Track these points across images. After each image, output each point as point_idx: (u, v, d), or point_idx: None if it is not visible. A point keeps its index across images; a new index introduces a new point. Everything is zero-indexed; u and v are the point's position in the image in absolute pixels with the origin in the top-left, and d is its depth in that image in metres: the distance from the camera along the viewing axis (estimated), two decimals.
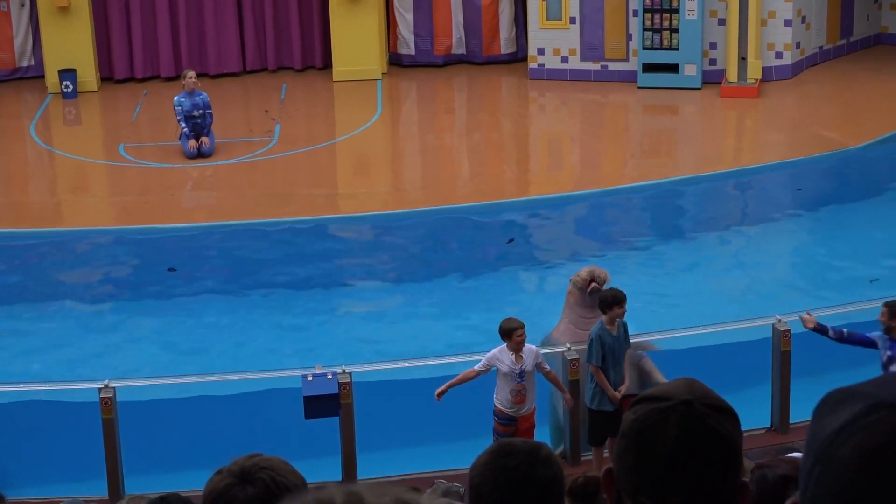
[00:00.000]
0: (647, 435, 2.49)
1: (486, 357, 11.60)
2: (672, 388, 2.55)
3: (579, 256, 17.12)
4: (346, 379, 11.67)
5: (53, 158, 20.92)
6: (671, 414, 2.49)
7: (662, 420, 2.48)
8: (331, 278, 16.68)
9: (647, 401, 2.54)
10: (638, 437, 2.50)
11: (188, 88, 19.99)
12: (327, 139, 21.38)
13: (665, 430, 2.47)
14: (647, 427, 2.49)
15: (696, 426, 2.48)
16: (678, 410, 2.49)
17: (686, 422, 2.48)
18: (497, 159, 20.52)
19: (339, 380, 11.65)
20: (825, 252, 17.12)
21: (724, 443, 2.49)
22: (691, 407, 2.49)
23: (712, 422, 2.48)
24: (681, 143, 21.33)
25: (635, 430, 2.51)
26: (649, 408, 2.51)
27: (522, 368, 11.50)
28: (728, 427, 2.50)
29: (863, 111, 21.74)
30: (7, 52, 24.16)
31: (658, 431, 2.48)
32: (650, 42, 22.82)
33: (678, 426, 2.47)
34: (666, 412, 2.49)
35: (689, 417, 2.48)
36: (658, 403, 2.51)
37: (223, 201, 18.74)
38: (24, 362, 14.58)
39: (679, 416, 2.48)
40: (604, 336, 11.56)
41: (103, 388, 11.51)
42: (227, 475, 3.42)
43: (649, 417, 2.50)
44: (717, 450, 2.48)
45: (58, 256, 17.59)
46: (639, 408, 2.53)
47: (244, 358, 14.33)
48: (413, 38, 24.66)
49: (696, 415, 2.48)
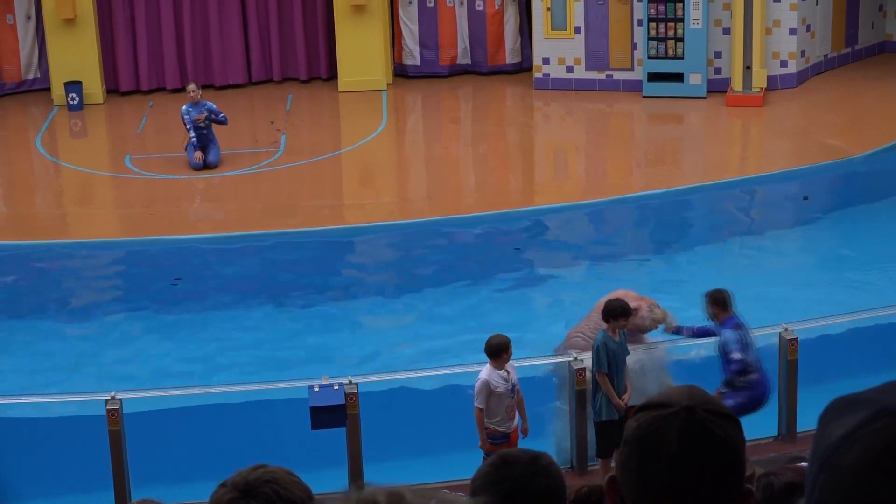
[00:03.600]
0: (649, 441, 2.49)
1: (479, 390, 11.31)
2: (673, 395, 2.56)
3: (586, 265, 17.13)
4: (353, 389, 11.66)
5: (59, 170, 20.95)
6: (673, 420, 2.49)
7: (665, 426, 2.49)
8: (337, 289, 16.69)
9: (648, 408, 2.54)
10: (641, 444, 2.50)
11: (191, 100, 20.04)
12: (333, 150, 21.39)
13: (668, 437, 2.48)
14: (649, 433, 2.50)
15: (699, 432, 2.48)
16: (680, 416, 2.49)
17: (688, 427, 2.48)
18: (502, 169, 20.52)
19: (345, 390, 11.64)
20: (831, 260, 17.10)
21: (726, 448, 2.49)
22: (693, 413, 2.50)
23: (715, 427, 2.49)
24: (686, 152, 21.32)
25: (638, 436, 2.51)
26: (651, 415, 2.52)
27: (513, 382, 11.45)
28: (731, 432, 2.51)
29: (868, 119, 21.73)
30: (13, 64, 24.20)
31: (661, 438, 2.48)
32: (655, 51, 22.83)
33: (681, 432, 2.48)
34: (668, 418, 2.50)
35: (691, 423, 2.48)
36: (660, 410, 2.52)
37: (229, 213, 18.75)
38: (31, 374, 14.58)
39: (681, 422, 2.49)
40: (609, 343, 11.53)
41: (110, 399, 11.51)
42: (230, 489, 3.39)
43: (652, 424, 2.50)
44: (720, 455, 2.49)
45: (64, 268, 17.61)
46: (641, 415, 2.54)
47: (250, 369, 14.33)
48: (418, 49, 24.69)
49: (698, 420, 2.49)
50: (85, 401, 12.43)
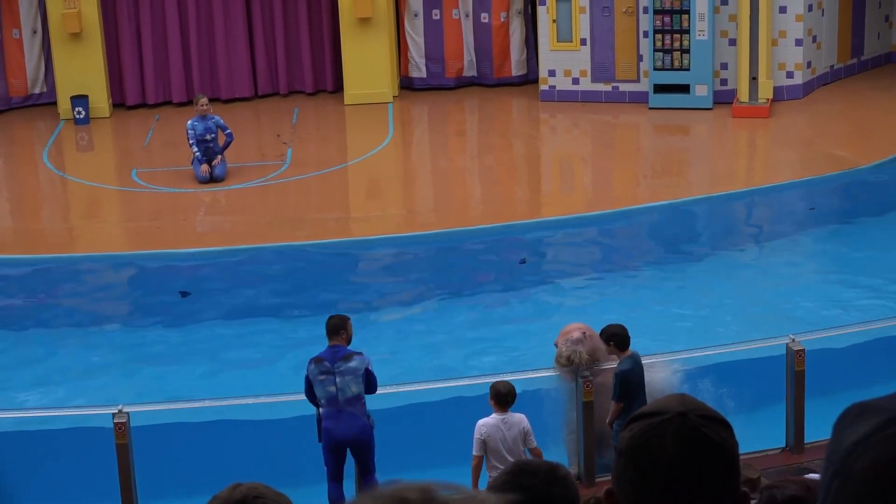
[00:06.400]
0: (645, 449, 2.50)
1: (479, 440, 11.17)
2: (665, 403, 2.58)
3: (592, 277, 17.11)
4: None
5: (66, 184, 20.98)
6: (667, 427, 2.51)
7: (659, 434, 2.50)
8: (343, 302, 16.66)
9: (641, 418, 2.56)
10: (636, 453, 2.51)
11: (200, 113, 20.06)
12: (339, 163, 21.41)
13: (663, 443, 2.49)
14: (644, 442, 2.51)
15: (694, 437, 2.50)
16: (674, 423, 2.51)
17: (683, 433, 2.50)
18: (509, 181, 20.53)
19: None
20: (838, 270, 17.08)
21: (721, 452, 2.51)
22: (686, 418, 2.51)
23: (709, 432, 2.51)
24: (693, 164, 21.32)
25: (633, 446, 2.52)
26: (645, 423, 2.53)
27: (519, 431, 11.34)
28: (724, 436, 2.53)
29: (874, 130, 21.71)
30: (20, 78, 24.24)
31: (656, 445, 2.50)
32: (661, 63, 22.84)
33: (675, 437, 2.49)
34: (662, 426, 2.51)
35: (685, 429, 2.50)
36: (653, 419, 2.53)
37: (235, 226, 18.76)
38: (38, 388, 14.58)
39: (675, 428, 2.50)
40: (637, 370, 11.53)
41: (117, 413, 11.50)
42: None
43: (646, 432, 2.52)
44: (716, 459, 2.51)
45: (71, 282, 17.62)
46: (634, 425, 2.55)
47: (257, 382, 14.33)
48: (424, 62, 24.71)
49: (692, 426, 2.51)
50: (92, 414, 12.43)
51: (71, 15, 23.24)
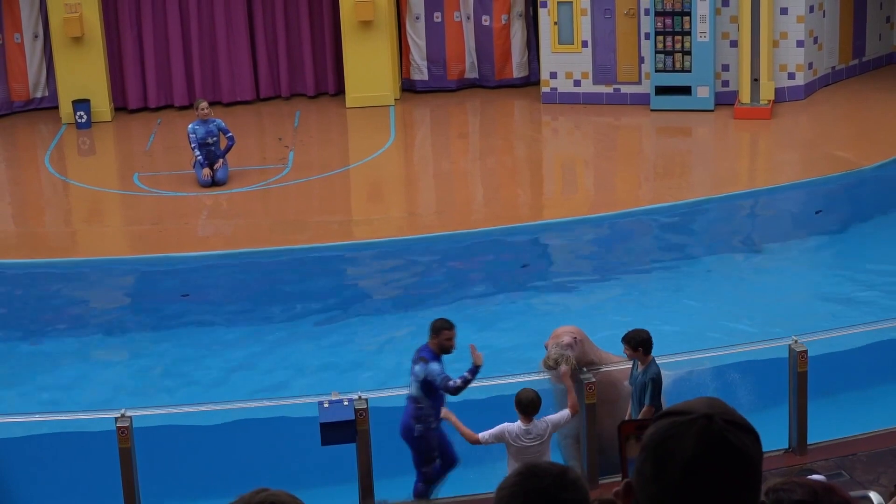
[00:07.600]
0: (665, 446, 2.51)
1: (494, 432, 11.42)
2: (694, 404, 2.59)
3: (595, 279, 17.11)
4: (363, 405, 11.65)
5: (68, 188, 20.98)
6: (691, 427, 2.51)
7: (682, 432, 2.51)
8: (346, 305, 16.68)
9: (668, 415, 2.57)
10: (657, 448, 2.51)
11: (201, 118, 20.07)
12: (341, 166, 21.41)
13: (684, 442, 2.50)
14: (666, 438, 2.51)
15: (716, 440, 2.49)
16: (698, 424, 2.52)
17: (705, 435, 2.50)
18: (511, 183, 20.52)
19: (355, 406, 11.63)
20: (841, 271, 17.07)
21: (742, 458, 2.50)
22: (712, 421, 2.52)
23: (731, 437, 2.50)
24: (695, 165, 21.31)
25: (655, 441, 2.53)
26: (670, 421, 2.54)
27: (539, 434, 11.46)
28: (747, 444, 2.52)
29: (876, 131, 21.70)
30: (21, 83, 24.26)
31: (677, 443, 2.50)
32: (663, 65, 22.84)
33: (697, 438, 2.49)
34: (686, 425, 2.52)
35: (708, 431, 2.50)
36: (679, 417, 2.54)
37: (238, 229, 18.76)
38: (40, 392, 14.59)
39: (699, 429, 2.51)
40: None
41: (120, 417, 11.50)
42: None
43: (670, 429, 2.52)
44: (735, 465, 2.50)
45: (73, 286, 17.62)
46: (660, 422, 2.56)
47: (260, 385, 14.33)
48: (426, 64, 24.72)
49: (715, 429, 2.51)
50: (94, 418, 12.42)
51: (72, 19, 23.25)
